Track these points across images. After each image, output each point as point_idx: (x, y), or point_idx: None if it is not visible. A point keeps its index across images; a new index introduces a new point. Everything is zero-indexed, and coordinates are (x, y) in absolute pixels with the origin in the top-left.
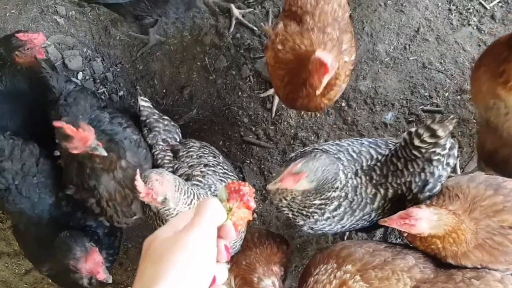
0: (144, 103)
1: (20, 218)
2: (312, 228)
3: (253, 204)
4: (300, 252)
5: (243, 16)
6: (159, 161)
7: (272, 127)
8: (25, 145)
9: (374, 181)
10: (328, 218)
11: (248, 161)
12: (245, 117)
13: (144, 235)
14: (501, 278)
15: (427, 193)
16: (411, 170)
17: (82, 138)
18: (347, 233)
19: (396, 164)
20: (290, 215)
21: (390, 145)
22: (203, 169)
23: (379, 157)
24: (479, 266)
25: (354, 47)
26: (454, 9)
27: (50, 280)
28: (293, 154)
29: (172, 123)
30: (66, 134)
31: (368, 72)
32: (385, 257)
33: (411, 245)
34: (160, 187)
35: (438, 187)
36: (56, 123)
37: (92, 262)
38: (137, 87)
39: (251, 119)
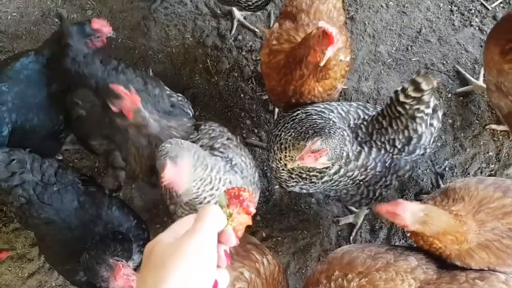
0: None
1: (48, 228)
2: (301, 188)
3: (252, 210)
4: (304, 254)
5: (244, 18)
6: None
7: None
8: (44, 158)
9: (359, 139)
10: (326, 181)
11: None
12: (248, 119)
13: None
14: (505, 280)
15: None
16: (395, 127)
17: (132, 99)
18: (352, 234)
19: (381, 122)
20: (286, 177)
21: (378, 108)
22: (225, 142)
23: (366, 117)
24: (486, 268)
25: (349, 50)
26: (456, 10)
27: (53, 284)
28: (286, 115)
29: (186, 99)
30: (118, 93)
31: (370, 73)
32: (387, 259)
33: (414, 247)
34: (179, 179)
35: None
36: (112, 85)
37: (122, 279)
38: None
39: (254, 121)
